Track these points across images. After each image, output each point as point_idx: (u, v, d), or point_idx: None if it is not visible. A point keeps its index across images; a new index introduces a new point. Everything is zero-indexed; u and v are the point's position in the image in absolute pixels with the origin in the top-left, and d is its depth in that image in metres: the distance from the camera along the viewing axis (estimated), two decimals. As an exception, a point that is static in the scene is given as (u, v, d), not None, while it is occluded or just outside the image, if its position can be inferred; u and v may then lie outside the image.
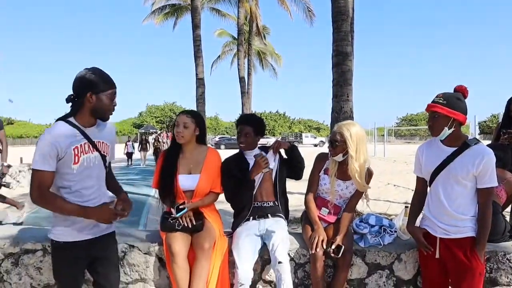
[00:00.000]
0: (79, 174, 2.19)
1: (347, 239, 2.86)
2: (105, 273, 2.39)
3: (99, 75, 2.16)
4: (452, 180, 2.43)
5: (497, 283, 2.94)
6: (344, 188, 2.99)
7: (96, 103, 2.15)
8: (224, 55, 32.71)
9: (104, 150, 2.31)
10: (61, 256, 2.27)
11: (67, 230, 2.23)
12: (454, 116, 2.37)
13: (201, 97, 15.31)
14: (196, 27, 15.69)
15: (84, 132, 2.20)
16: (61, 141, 2.10)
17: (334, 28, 6.06)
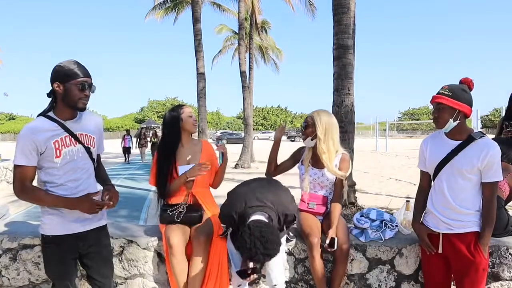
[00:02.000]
0: (62, 167, 2.19)
1: (342, 230, 2.85)
2: (96, 267, 2.39)
3: (66, 65, 2.16)
4: (456, 174, 2.39)
5: (499, 277, 2.91)
6: (320, 176, 3.00)
7: (63, 93, 2.16)
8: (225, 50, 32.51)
9: (87, 142, 2.30)
10: (51, 250, 2.27)
11: (56, 224, 2.24)
12: (459, 107, 2.33)
13: (202, 92, 15.25)
14: (196, 21, 15.59)
15: (63, 125, 2.21)
16: (39, 136, 2.12)
17: (335, 21, 6.00)
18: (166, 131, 3.05)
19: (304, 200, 3.04)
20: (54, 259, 2.26)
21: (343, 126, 5.92)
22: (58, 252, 2.25)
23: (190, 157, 3.01)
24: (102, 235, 2.44)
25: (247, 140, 18.39)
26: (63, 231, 2.24)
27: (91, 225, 2.33)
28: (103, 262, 2.42)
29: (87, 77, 2.20)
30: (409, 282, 2.95)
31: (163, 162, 2.95)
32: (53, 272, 2.31)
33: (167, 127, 3.05)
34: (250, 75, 20.88)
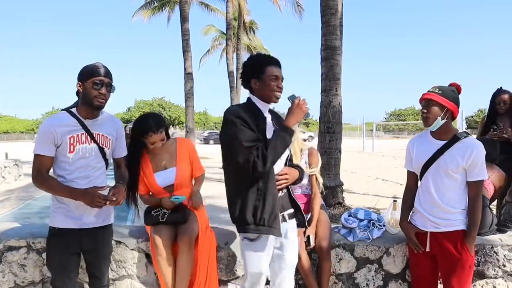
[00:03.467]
0: (74, 163, 2.29)
1: (322, 228, 2.88)
2: (96, 264, 2.46)
3: (90, 65, 2.27)
4: (442, 173, 2.43)
5: (484, 275, 2.96)
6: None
7: (83, 91, 2.26)
8: (213, 50, 32.52)
9: (102, 142, 2.38)
10: (55, 243, 2.35)
11: (62, 217, 2.32)
12: (448, 106, 2.39)
13: (189, 92, 15.22)
14: (184, 21, 15.54)
15: (83, 123, 2.31)
16: (57, 128, 2.23)
17: (323, 22, 6.04)
18: (130, 144, 2.80)
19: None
20: (57, 252, 2.34)
21: (331, 126, 5.97)
22: (62, 245, 2.32)
23: (166, 161, 2.86)
24: (107, 233, 2.52)
25: (235, 141, 18.36)
26: (69, 224, 2.32)
27: (97, 223, 2.40)
28: (103, 260, 2.50)
29: (105, 77, 2.27)
30: (396, 281, 2.99)
31: (132, 167, 2.77)
32: (53, 264, 2.38)
33: (132, 142, 2.81)
34: (238, 75, 20.85)
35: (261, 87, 2.28)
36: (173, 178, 2.85)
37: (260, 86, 2.28)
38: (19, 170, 12.81)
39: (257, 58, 2.36)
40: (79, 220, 2.33)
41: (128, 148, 2.74)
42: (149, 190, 2.91)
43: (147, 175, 2.84)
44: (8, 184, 11.44)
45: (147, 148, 2.80)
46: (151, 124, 2.71)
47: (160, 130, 2.72)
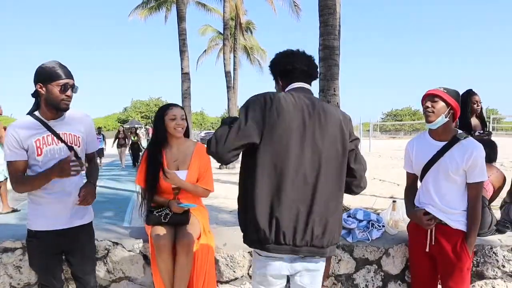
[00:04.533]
0: (44, 165, 2.25)
1: None
2: (79, 264, 2.44)
3: (48, 67, 2.20)
4: (442, 175, 2.42)
5: (483, 276, 2.96)
6: None
7: (46, 94, 2.21)
8: (210, 50, 32.47)
9: (71, 141, 2.33)
10: (33, 245, 2.35)
11: (39, 219, 2.31)
12: (453, 104, 2.38)
13: (186, 92, 15.15)
14: (181, 20, 15.47)
15: (47, 124, 2.27)
16: (21, 133, 2.21)
17: (321, 22, 6.01)
18: (154, 130, 2.99)
19: None
20: (36, 253, 2.35)
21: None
22: (40, 246, 2.33)
23: (179, 161, 2.91)
24: (85, 232, 2.48)
25: (232, 141, 18.32)
26: (45, 226, 2.31)
27: (73, 223, 2.38)
28: (85, 259, 2.46)
29: (69, 78, 2.24)
30: (395, 282, 2.98)
31: (151, 163, 2.87)
32: (35, 265, 2.42)
33: (154, 126, 2.99)
34: (235, 75, 20.87)
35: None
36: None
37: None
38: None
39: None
40: (54, 221, 2.31)
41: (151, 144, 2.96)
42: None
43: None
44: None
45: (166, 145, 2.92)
46: (169, 104, 2.97)
47: (180, 107, 2.93)
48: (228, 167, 17.27)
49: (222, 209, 7.91)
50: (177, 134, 2.88)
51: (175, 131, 2.86)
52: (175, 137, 2.91)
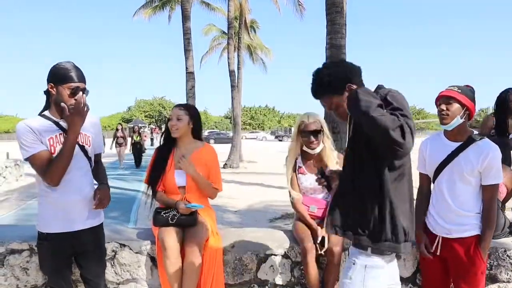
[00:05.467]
0: None
1: None
2: (90, 266, 2.41)
3: (62, 67, 2.17)
4: (456, 176, 2.36)
5: (497, 279, 2.90)
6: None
7: (56, 95, 2.18)
8: (212, 50, 32.45)
9: (82, 140, 2.31)
10: (44, 248, 2.31)
11: (50, 221, 2.26)
12: (468, 105, 2.32)
13: (191, 91, 15.13)
14: (186, 20, 15.45)
15: (58, 123, 2.23)
16: (35, 128, 2.16)
17: (328, 20, 5.97)
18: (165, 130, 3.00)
19: (306, 204, 2.99)
20: (48, 256, 2.30)
21: (336, 126, 5.90)
22: (52, 249, 2.28)
23: (183, 161, 2.89)
24: (98, 234, 2.46)
25: (236, 140, 18.32)
26: (57, 229, 2.26)
27: (86, 224, 2.34)
28: (96, 261, 2.44)
29: (81, 82, 2.20)
30: (407, 285, 2.92)
31: (157, 161, 2.88)
32: (46, 268, 2.38)
33: (164, 136, 2.99)
34: (239, 74, 20.79)
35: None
36: (185, 180, 2.87)
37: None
38: (20, 170, 12.75)
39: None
40: (66, 224, 2.27)
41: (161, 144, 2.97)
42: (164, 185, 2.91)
43: (167, 170, 2.87)
44: (9, 184, 11.39)
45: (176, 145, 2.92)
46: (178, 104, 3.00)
47: (181, 107, 2.90)
48: (232, 167, 17.25)
49: (227, 209, 7.89)
50: (173, 135, 2.88)
51: (172, 131, 2.87)
52: (183, 138, 2.91)
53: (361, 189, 1.85)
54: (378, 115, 1.60)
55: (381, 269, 1.90)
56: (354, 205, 1.87)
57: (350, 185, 1.89)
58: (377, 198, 1.82)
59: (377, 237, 1.83)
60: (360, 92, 1.71)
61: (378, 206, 1.83)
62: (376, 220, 1.83)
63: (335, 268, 2.75)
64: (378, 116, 1.60)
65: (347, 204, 1.90)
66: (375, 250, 1.87)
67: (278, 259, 2.90)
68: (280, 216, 7.40)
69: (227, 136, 39.62)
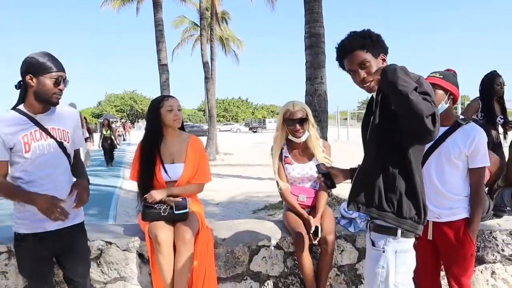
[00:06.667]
0: (32, 162, 2.13)
1: (328, 221, 2.82)
2: (72, 266, 2.33)
3: (41, 57, 2.09)
4: (444, 160, 2.38)
5: (484, 261, 2.97)
6: (308, 170, 2.97)
7: (37, 86, 2.09)
8: (184, 42, 31.97)
9: (60, 136, 2.22)
10: (22, 249, 2.22)
11: (26, 221, 2.17)
12: (451, 90, 2.36)
13: (165, 84, 14.85)
14: (157, 10, 15.10)
15: (33, 119, 2.15)
16: (6, 130, 2.07)
17: (306, 9, 5.94)
18: (147, 123, 2.87)
19: (294, 193, 2.95)
20: (26, 258, 2.22)
21: (317, 115, 5.90)
22: (30, 251, 2.19)
23: (174, 155, 2.83)
24: (78, 233, 2.36)
25: (212, 132, 18.18)
26: (35, 229, 2.17)
27: (65, 223, 2.22)
28: (79, 261, 2.35)
29: (62, 71, 2.14)
30: (398, 270, 2.94)
31: (146, 158, 2.78)
32: (25, 271, 2.28)
33: (148, 119, 2.86)
34: (212, 65, 20.56)
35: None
36: (178, 174, 2.78)
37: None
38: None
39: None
40: (44, 223, 2.16)
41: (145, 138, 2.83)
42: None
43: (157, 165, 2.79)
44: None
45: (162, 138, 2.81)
46: (164, 95, 2.89)
47: (175, 98, 2.82)
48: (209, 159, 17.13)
49: (208, 202, 7.81)
50: (176, 125, 2.80)
51: (174, 122, 2.77)
52: (170, 130, 2.82)
53: (387, 166, 1.82)
54: (415, 99, 1.57)
55: (408, 252, 1.91)
56: (380, 182, 1.84)
57: (375, 162, 1.86)
58: (403, 175, 1.81)
59: (401, 214, 1.82)
60: (399, 69, 1.67)
61: (405, 183, 1.81)
62: (402, 197, 1.82)
63: (329, 256, 2.74)
64: (415, 100, 1.56)
65: (372, 181, 1.85)
66: (404, 232, 1.84)
67: (270, 250, 2.86)
68: (263, 207, 7.38)
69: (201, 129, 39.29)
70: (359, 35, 1.83)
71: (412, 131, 1.66)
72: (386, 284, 1.87)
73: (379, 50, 1.84)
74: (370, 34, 1.84)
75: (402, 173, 1.81)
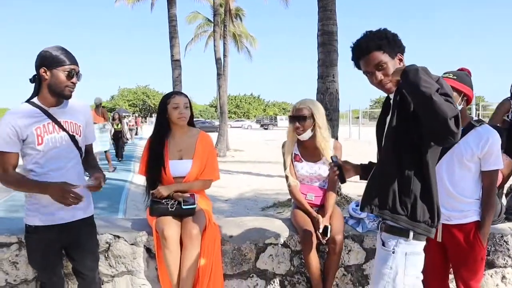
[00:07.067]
0: (45, 155, 2.16)
1: (337, 220, 2.80)
2: (81, 259, 2.35)
3: (54, 51, 2.12)
4: (456, 162, 2.34)
5: (494, 265, 2.93)
6: (317, 169, 2.96)
7: (50, 79, 2.11)
8: (197, 38, 32.01)
9: (72, 130, 2.25)
10: (33, 241, 2.26)
11: (38, 214, 2.21)
12: (465, 91, 2.32)
13: (177, 79, 14.93)
14: (171, 6, 15.15)
15: (47, 112, 2.17)
16: (20, 121, 2.09)
17: (320, 6, 5.89)
18: (156, 119, 2.90)
19: (303, 192, 2.94)
20: (36, 249, 2.25)
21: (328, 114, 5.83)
22: (40, 243, 2.23)
23: (183, 151, 2.83)
24: (88, 226, 2.39)
25: (223, 129, 18.20)
26: (46, 221, 2.20)
27: (75, 216, 2.27)
28: (87, 254, 2.37)
29: (75, 65, 2.16)
30: (406, 272, 2.92)
31: (153, 154, 2.79)
32: (35, 262, 2.33)
33: (157, 114, 2.89)
34: (225, 62, 20.55)
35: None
36: (186, 170, 2.79)
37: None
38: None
39: None
40: (54, 216, 2.21)
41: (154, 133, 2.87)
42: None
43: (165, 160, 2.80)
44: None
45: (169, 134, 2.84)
46: (173, 92, 2.89)
47: (183, 95, 2.83)
48: (219, 155, 17.17)
49: (217, 198, 7.83)
50: (180, 123, 2.79)
51: (178, 120, 2.77)
52: (179, 126, 2.83)
53: (403, 168, 1.80)
54: (438, 100, 1.54)
55: (419, 255, 1.90)
56: (395, 184, 1.82)
57: (391, 164, 1.84)
58: (419, 178, 1.79)
59: (415, 217, 1.80)
60: (421, 69, 1.63)
61: (421, 186, 1.80)
62: (417, 200, 1.80)
63: (337, 256, 2.72)
64: (438, 101, 1.54)
65: (387, 183, 1.84)
66: (416, 235, 1.83)
67: (277, 248, 2.85)
68: (272, 204, 7.38)
69: (212, 125, 39.38)
70: (376, 35, 1.80)
71: (435, 132, 1.62)
72: (394, 285, 1.85)
73: (396, 50, 1.81)
74: (387, 34, 1.81)
75: (418, 176, 1.79)
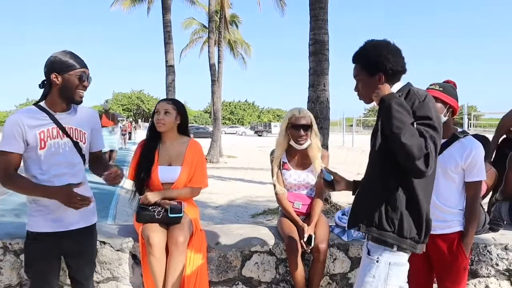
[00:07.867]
0: (47, 161, 2.12)
1: (321, 229, 2.82)
2: (78, 267, 2.31)
3: (63, 56, 2.12)
4: (440, 173, 2.37)
5: (477, 274, 2.95)
6: (305, 177, 2.99)
7: (62, 84, 2.10)
8: (192, 44, 32.09)
9: (76, 136, 2.22)
10: (34, 248, 2.20)
11: (40, 220, 2.16)
12: (450, 103, 2.35)
13: (171, 85, 14.92)
14: (166, 12, 15.18)
15: (53, 116, 2.15)
16: (26, 122, 2.07)
17: (312, 16, 5.95)
18: (149, 124, 2.94)
19: (290, 200, 2.96)
20: (35, 256, 2.20)
21: (319, 122, 5.89)
22: (41, 250, 2.18)
23: (172, 157, 2.84)
24: (89, 234, 2.35)
25: (216, 135, 18.18)
26: (48, 228, 2.16)
27: (79, 224, 2.24)
28: (86, 262, 2.35)
29: (85, 68, 2.17)
30: (390, 281, 2.94)
31: (142, 159, 2.81)
32: (31, 270, 2.25)
33: (150, 120, 2.93)
34: (219, 68, 20.59)
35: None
36: (175, 177, 2.79)
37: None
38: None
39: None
40: (59, 222, 2.17)
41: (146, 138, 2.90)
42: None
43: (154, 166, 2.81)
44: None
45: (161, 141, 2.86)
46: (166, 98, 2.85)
47: (170, 101, 2.85)
48: (212, 161, 17.13)
49: (208, 204, 7.82)
50: (159, 129, 2.80)
51: (157, 126, 2.79)
52: (169, 133, 2.84)
53: (388, 184, 1.83)
54: (408, 142, 1.61)
55: (403, 266, 1.92)
56: (381, 202, 1.84)
57: (376, 180, 1.87)
58: (405, 193, 1.81)
59: (402, 233, 1.82)
60: (394, 106, 1.68)
61: (408, 201, 1.82)
62: (403, 217, 1.81)
63: (321, 264, 2.74)
64: (408, 143, 1.60)
65: (373, 201, 1.86)
66: (400, 248, 1.85)
67: (263, 256, 2.87)
68: (262, 211, 7.38)
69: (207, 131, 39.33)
70: (362, 49, 1.88)
71: (405, 168, 1.70)
72: None
73: (377, 69, 1.83)
74: (367, 52, 1.85)
75: (404, 191, 1.81)
